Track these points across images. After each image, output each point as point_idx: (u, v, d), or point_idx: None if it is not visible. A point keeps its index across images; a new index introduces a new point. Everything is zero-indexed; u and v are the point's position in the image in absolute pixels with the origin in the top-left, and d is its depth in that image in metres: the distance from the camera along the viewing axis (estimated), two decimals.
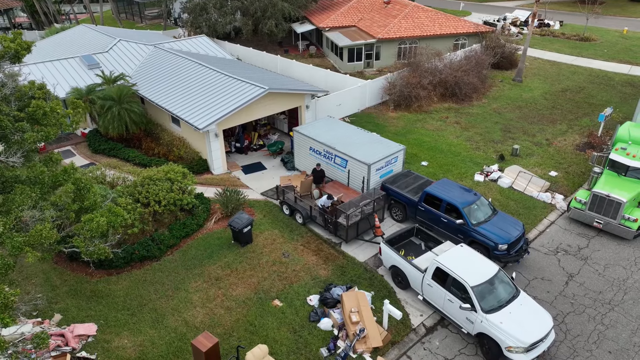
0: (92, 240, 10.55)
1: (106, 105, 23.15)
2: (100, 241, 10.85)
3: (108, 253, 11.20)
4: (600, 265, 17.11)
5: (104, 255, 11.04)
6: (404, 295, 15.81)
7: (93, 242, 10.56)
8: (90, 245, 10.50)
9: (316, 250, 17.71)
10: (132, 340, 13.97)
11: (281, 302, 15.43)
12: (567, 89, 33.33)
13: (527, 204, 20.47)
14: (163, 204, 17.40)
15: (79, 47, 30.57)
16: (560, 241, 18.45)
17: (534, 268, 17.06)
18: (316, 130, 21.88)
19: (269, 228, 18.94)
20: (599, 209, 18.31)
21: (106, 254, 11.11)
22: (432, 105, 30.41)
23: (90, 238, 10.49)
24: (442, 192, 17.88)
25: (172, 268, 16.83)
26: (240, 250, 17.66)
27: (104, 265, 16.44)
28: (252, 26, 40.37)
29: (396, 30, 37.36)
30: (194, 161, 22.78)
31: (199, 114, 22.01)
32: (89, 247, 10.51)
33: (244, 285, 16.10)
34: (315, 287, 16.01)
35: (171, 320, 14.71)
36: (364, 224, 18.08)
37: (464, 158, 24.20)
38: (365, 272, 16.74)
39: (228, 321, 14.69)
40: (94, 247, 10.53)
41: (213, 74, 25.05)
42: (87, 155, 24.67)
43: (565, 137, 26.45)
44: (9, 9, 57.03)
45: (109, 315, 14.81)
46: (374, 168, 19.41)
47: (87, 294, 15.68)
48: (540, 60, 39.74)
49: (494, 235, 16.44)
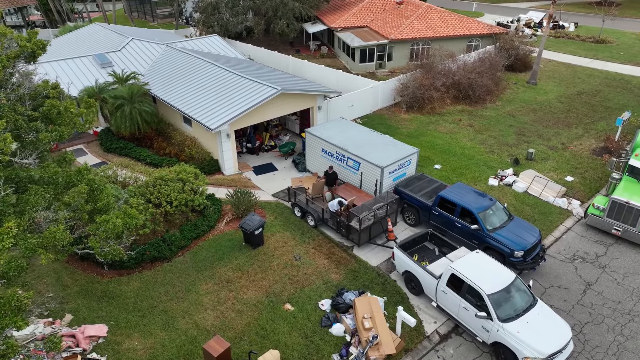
0: (107, 241, 10.44)
1: (117, 104, 23.11)
2: (115, 242, 10.74)
3: (123, 254, 11.09)
4: (619, 274, 16.72)
5: (118, 256, 10.93)
6: (417, 302, 15.55)
7: (108, 243, 10.44)
8: (105, 246, 10.39)
9: (328, 254, 17.50)
10: (143, 343, 13.86)
11: (292, 306, 15.24)
12: (583, 92, 32.81)
13: (543, 210, 20.10)
14: (175, 204, 17.30)
15: (91, 46, 30.63)
16: (577, 248, 18.07)
17: (550, 276, 16.71)
18: (328, 132, 21.67)
19: (280, 230, 18.76)
20: (617, 215, 17.90)
21: (121, 255, 11.00)
22: (444, 108, 30.07)
23: (106, 239, 10.37)
24: (456, 196, 17.58)
25: (182, 269, 16.72)
26: (251, 253, 17.50)
27: (114, 266, 16.38)
28: (263, 26, 40.29)
29: (409, 31, 37.03)
30: (205, 161, 22.67)
31: (211, 114, 21.89)
32: (104, 248, 10.39)
33: (255, 288, 15.94)
34: (327, 292, 15.80)
35: (182, 322, 14.58)
36: (377, 227, 17.83)
37: (478, 161, 23.86)
38: (377, 276, 16.50)
39: (239, 325, 14.53)
40: (109, 248, 10.42)
41: (225, 73, 24.94)
42: (99, 154, 24.67)
43: (582, 142, 25.99)
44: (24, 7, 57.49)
45: (120, 317, 14.72)
46: (387, 171, 19.16)
47: (97, 294, 15.61)
48: (555, 62, 39.21)
49: (509, 242, 16.12)
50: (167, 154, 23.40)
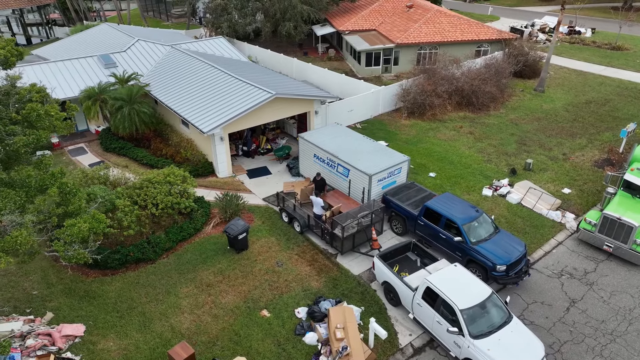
0: (72, 245, 10.65)
1: (117, 105, 23.50)
2: (80, 246, 10.94)
3: (87, 258, 11.29)
4: (607, 292, 16.30)
5: (82, 260, 11.14)
6: (395, 313, 15.43)
7: (73, 247, 10.65)
8: (69, 250, 10.60)
9: (311, 261, 17.50)
10: (118, 344, 14.09)
11: (269, 312, 15.29)
12: (592, 101, 32.04)
13: (535, 222, 19.71)
14: (161, 207, 17.52)
15: (98, 46, 31.22)
16: (566, 263, 17.68)
17: (534, 291, 16.39)
18: (321, 137, 21.65)
19: (266, 235, 18.83)
20: (609, 231, 17.45)
21: (85, 259, 11.21)
22: (446, 114, 29.73)
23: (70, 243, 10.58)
24: (442, 207, 17.38)
25: (165, 271, 16.92)
26: (234, 257, 17.61)
27: (99, 266, 16.67)
28: (271, 28, 40.44)
29: (416, 35, 36.71)
30: (200, 163, 22.90)
31: (206, 117, 22.09)
32: (68, 251, 10.60)
33: (234, 293, 16.04)
34: (305, 299, 15.81)
35: (158, 325, 14.77)
36: (361, 236, 17.75)
37: (474, 170, 23.52)
38: (358, 285, 16.42)
39: (214, 329, 14.65)
40: (73, 252, 10.62)
41: (224, 76, 25.12)
42: (99, 153, 25.15)
43: (584, 152, 25.39)
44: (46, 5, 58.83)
45: (99, 317, 14.99)
46: (375, 179, 19.04)
47: (80, 293, 15.93)
48: (566, 69, 38.37)
49: (492, 255, 15.86)
50: (164, 155, 23.72)
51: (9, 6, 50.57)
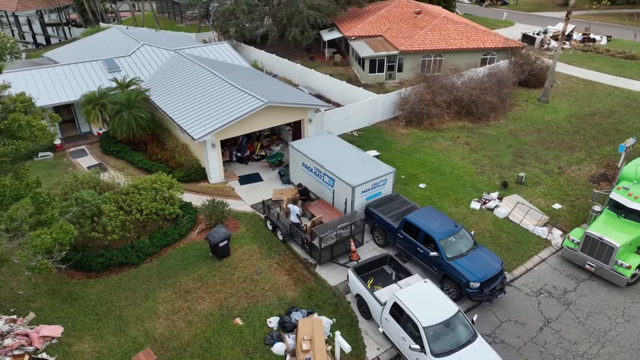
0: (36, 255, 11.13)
1: (115, 109, 24.15)
2: (45, 256, 11.43)
3: (51, 268, 11.77)
4: (584, 312, 16.10)
5: (45, 270, 11.62)
6: (366, 326, 15.56)
7: (36, 257, 11.14)
8: (33, 260, 11.09)
9: (289, 270, 17.75)
10: (92, 346, 14.59)
11: (242, 320, 15.60)
12: (596, 113, 31.46)
13: (520, 238, 19.56)
14: (145, 212, 18.00)
15: (106, 50, 32.04)
16: (546, 281, 17.51)
17: (510, 309, 16.30)
18: (311, 146, 21.87)
19: (249, 242, 19.15)
20: (591, 251, 17.23)
21: (48, 269, 11.69)
22: (445, 123, 29.59)
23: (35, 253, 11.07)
24: (421, 221, 17.42)
25: (147, 276, 17.39)
26: (215, 264, 17.98)
27: (84, 268, 17.26)
28: (278, 32, 40.78)
29: (420, 42, 36.56)
30: (193, 169, 23.37)
31: (199, 123, 22.53)
32: (32, 262, 11.09)
33: (210, 300, 16.40)
34: (279, 309, 16.06)
35: (133, 329, 15.22)
36: (340, 247, 17.92)
37: (465, 183, 23.41)
38: (333, 297, 16.60)
39: (186, 335, 15.03)
40: (36, 262, 11.11)
41: (221, 82, 25.54)
42: (98, 155, 25.88)
43: (581, 167, 25.00)
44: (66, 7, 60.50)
45: (77, 319, 15.52)
46: (358, 190, 19.16)
47: (63, 295, 16.51)
48: (575, 79, 37.73)
49: (466, 272, 15.85)
50: (159, 160, 24.28)
51: (28, 7, 52.20)
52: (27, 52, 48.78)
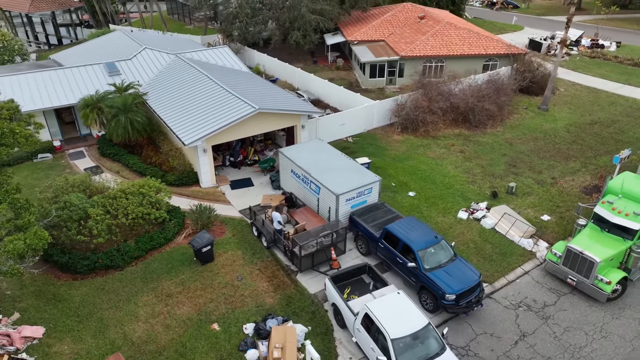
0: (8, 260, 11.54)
1: (112, 113, 24.67)
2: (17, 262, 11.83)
3: (22, 273, 12.17)
4: (561, 327, 16.01)
5: (17, 275, 12.02)
6: (341, 335, 15.70)
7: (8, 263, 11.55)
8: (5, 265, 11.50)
9: (270, 277, 17.97)
10: (72, 348, 15.00)
11: (219, 326, 15.87)
12: (597, 122, 31.06)
13: (505, 250, 19.48)
14: (131, 217, 18.40)
15: (109, 53, 32.66)
16: (527, 294, 17.44)
17: (487, 321, 16.29)
18: (300, 153, 22.06)
19: (234, 248, 19.43)
20: (572, 265, 17.12)
21: (20, 274, 12.09)
22: (441, 131, 29.52)
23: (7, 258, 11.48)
24: (401, 231, 17.48)
25: (131, 279, 17.78)
26: (199, 269, 18.29)
27: (70, 270, 17.72)
28: (281, 36, 41.05)
29: (421, 48, 36.49)
30: (185, 172, 23.75)
31: (191, 128, 22.89)
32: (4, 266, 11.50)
33: (190, 304, 16.71)
34: (257, 315, 16.30)
35: (112, 331, 15.60)
36: (321, 255, 18.08)
37: (455, 192, 23.36)
38: (310, 305, 16.78)
39: (163, 339, 15.35)
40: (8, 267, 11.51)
41: (216, 87, 25.87)
42: (95, 157, 26.44)
43: (575, 177, 24.75)
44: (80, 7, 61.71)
45: (59, 320, 15.96)
46: (343, 198, 19.29)
47: (48, 296, 16.98)
48: (579, 86, 37.24)
49: (443, 284, 15.88)
50: (153, 163, 24.73)
51: (40, 9, 53.35)
52: (39, 52, 49.89)
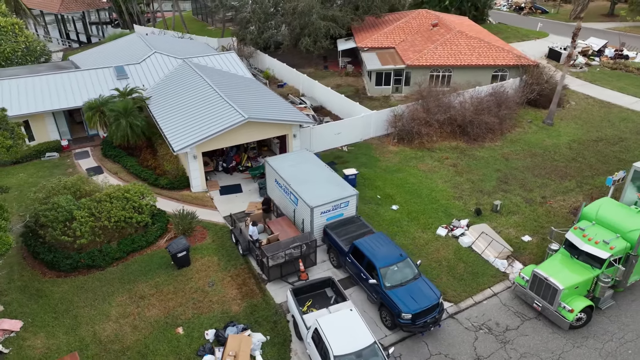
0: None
1: (113, 116, 25.86)
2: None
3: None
4: (518, 352, 15.96)
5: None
6: (298, 346, 16.17)
7: None
8: None
9: (240, 284, 18.60)
10: (44, 342, 16.07)
11: (183, 330, 16.62)
12: (603, 139, 30.19)
13: (477, 269, 19.44)
14: (114, 220, 19.40)
15: (121, 56, 34.05)
16: (491, 317, 17.42)
17: (444, 342, 16.40)
18: (283, 164, 22.57)
19: (211, 254, 20.16)
20: (538, 290, 16.99)
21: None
22: (437, 143, 29.39)
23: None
24: (368, 247, 17.77)
25: (110, 279, 18.78)
26: (174, 273, 19.12)
27: (55, 267, 18.88)
28: (292, 42, 41.60)
29: (429, 57, 36.30)
30: (177, 177, 24.68)
31: (183, 134, 23.77)
32: None
33: (160, 307, 17.54)
34: (220, 322, 16.95)
35: (84, 329, 16.59)
36: (290, 266, 18.57)
37: (439, 207, 23.35)
38: (274, 315, 17.31)
39: (129, 340, 16.22)
40: None
41: (213, 94, 26.63)
42: (98, 158, 27.78)
43: (567, 197, 24.27)
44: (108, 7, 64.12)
45: (38, 315, 17.08)
46: (317, 211, 19.69)
47: (32, 291, 18.17)
48: (592, 100, 36.19)
49: (400, 302, 16.10)
50: (149, 166, 25.79)
51: (70, 9, 55.76)
52: (66, 50, 52.23)
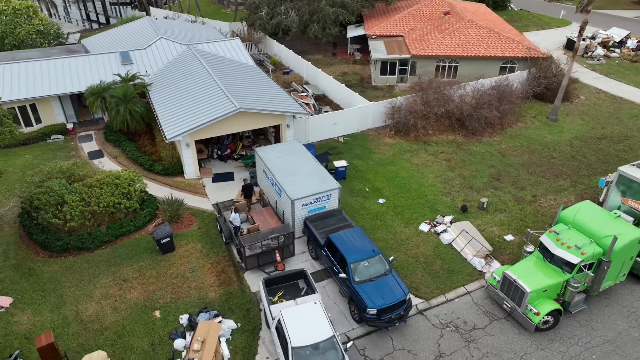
0: None
1: (113, 102, 26.65)
2: None
3: None
4: (480, 352, 16.17)
5: None
6: (267, 335, 16.77)
7: None
8: None
9: (220, 272, 19.27)
10: (30, 319, 17.14)
11: (160, 313, 17.44)
12: (607, 137, 29.41)
13: (454, 267, 19.58)
14: (102, 205, 20.25)
15: (128, 41, 34.76)
16: (460, 315, 17.61)
17: (409, 337, 16.74)
18: (272, 154, 22.94)
19: (195, 241, 20.87)
20: (507, 291, 17.07)
21: None
22: (435, 136, 29.21)
23: None
24: (342, 242, 18.10)
25: (97, 262, 19.72)
26: (158, 258, 19.92)
27: (47, 248, 19.93)
28: (301, 27, 41.49)
29: (435, 47, 35.75)
30: (172, 163, 25.39)
31: (177, 122, 24.37)
32: None
33: (141, 290, 18.38)
34: (196, 307, 17.68)
35: (67, 309, 17.59)
36: (268, 256, 19.10)
37: (426, 202, 23.41)
38: (248, 303, 17.93)
39: (108, 320, 17.14)
40: None
41: (211, 82, 27.06)
42: (100, 142, 28.74)
43: (559, 197, 23.94)
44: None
45: (27, 293, 18.17)
46: (298, 203, 20.06)
47: (24, 269, 19.27)
48: (604, 95, 35.11)
49: (366, 297, 16.45)
50: (146, 152, 26.58)
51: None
52: (83, 32, 53.34)
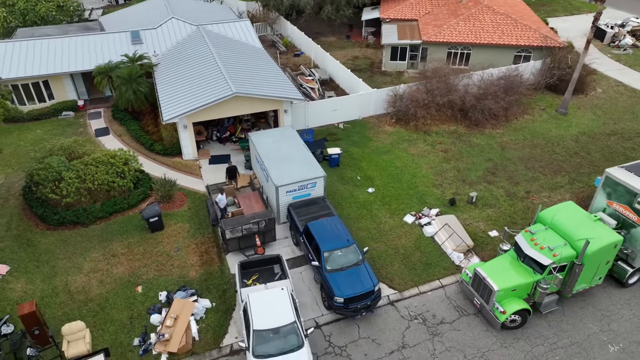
0: None
1: (119, 82, 27.48)
2: None
3: None
4: (444, 345, 16.43)
5: None
6: (239, 316, 17.46)
7: None
8: None
9: (202, 252, 20.03)
10: (23, 287, 18.39)
11: (142, 289, 18.38)
12: (617, 133, 28.40)
13: (432, 260, 19.71)
14: (97, 183, 21.22)
15: (141, 20, 35.42)
16: (430, 308, 17.84)
17: (376, 327, 17.11)
18: (264, 140, 23.34)
19: (184, 221, 21.67)
20: (477, 288, 17.15)
21: None
22: (436, 126, 28.89)
23: None
24: (318, 230, 18.48)
25: (90, 236, 20.80)
26: (147, 235, 20.82)
27: (46, 220, 21.12)
28: (315, 9, 41.19)
29: (448, 33, 34.94)
30: (172, 144, 26.15)
31: (175, 103, 24.99)
32: None
33: (127, 265, 19.36)
34: (175, 285, 18.54)
35: (58, 280, 18.75)
36: (247, 240, 19.70)
37: (415, 194, 23.43)
38: (225, 284, 18.65)
39: (93, 293, 18.21)
40: None
41: (214, 64, 27.45)
42: (108, 119, 29.77)
43: (554, 194, 23.49)
44: None
45: (23, 262, 19.42)
46: (283, 190, 20.49)
47: (24, 240, 20.55)
48: (622, 87, 33.70)
49: (335, 286, 16.87)
50: (147, 131, 27.42)
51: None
52: (106, 8, 54.34)
